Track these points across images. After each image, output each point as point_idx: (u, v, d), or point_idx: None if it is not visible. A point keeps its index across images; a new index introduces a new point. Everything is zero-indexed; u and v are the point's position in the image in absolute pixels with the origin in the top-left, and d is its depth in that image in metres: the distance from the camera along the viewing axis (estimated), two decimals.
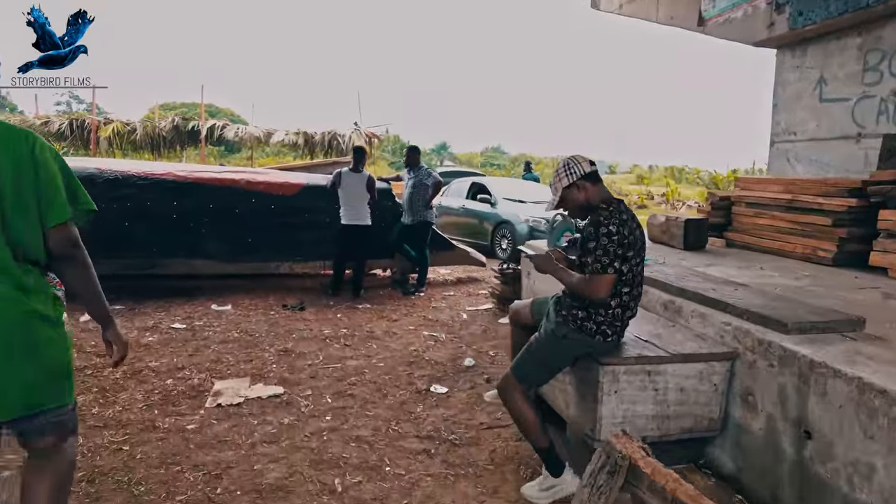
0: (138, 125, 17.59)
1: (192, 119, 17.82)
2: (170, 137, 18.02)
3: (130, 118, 18.61)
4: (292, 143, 17.29)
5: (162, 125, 17.67)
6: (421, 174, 5.81)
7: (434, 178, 5.81)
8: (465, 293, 5.92)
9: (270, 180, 5.93)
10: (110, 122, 17.65)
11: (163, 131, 17.72)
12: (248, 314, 4.82)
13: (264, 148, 26.06)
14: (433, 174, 5.85)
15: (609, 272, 1.96)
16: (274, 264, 5.85)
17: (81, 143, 17.74)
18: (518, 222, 8.03)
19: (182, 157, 24.70)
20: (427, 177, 5.80)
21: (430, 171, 5.89)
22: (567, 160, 2.14)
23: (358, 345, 4.04)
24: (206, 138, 17.53)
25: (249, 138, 17.36)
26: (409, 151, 6.08)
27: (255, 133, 17.28)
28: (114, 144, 17.84)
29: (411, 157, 6.00)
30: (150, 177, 5.59)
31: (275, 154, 27.25)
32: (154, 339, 4.04)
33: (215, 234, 5.64)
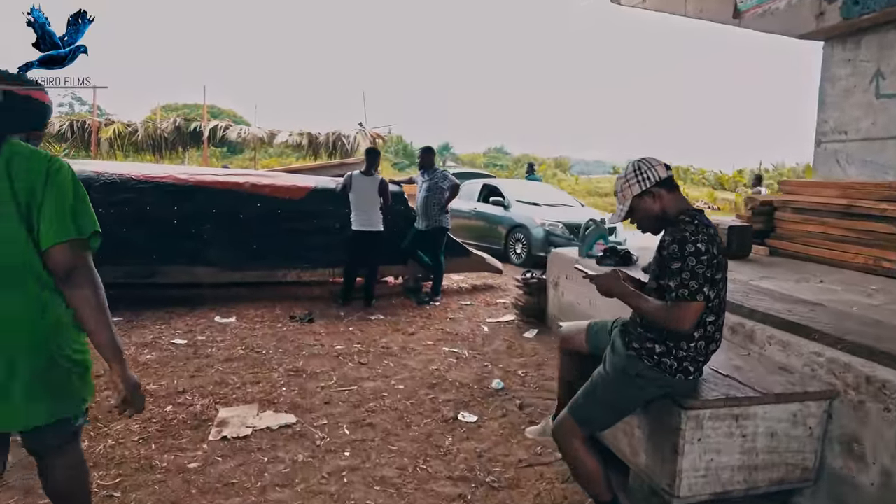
0: (140, 126, 17.31)
1: (194, 120, 17.52)
2: (171, 139, 17.74)
3: (132, 119, 18.31)
4: (296, 144, 16.99)
5: (163, 126, 17.38)
6: (436, 176, 5.49)
7: (451, 180, 5.49)
8: (483, 302, 5.58)
9: (276, 183, 5.61)
10: (111, 123, 17.37)
11: (164, 132, 17.43)
12: (253, 327, 4.50)
13: (267, 149, 25.85)
14: (449, 176, 5.53)
15: (698, 299, 1.62)
16: (280, 272, 5.53)
17: (82, 144, 17.47)
18: (533, 226, 7.70)
19: (184, 159, 24.49)
20: (443, 179, 5.47)
21: (445, 174, 5.56)
22: (638, 163, 1.81)
23: (374, 363, 3.71)
24: (208, 139, 17.23)
25: (252, 139, 17.07)
26: (423, 153, 5.75)
27: (259, 134, 16.98)
28: (115, 146, 17.58)
29: (426, 158, 5.67)
30: (150, 180, 5.28)
31: (278, 155, 26.99)
32: (153, 356, 3.72)
33: (218, 240, 5.32)
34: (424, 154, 5.71)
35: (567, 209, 8.42)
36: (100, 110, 20.73)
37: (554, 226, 7.60)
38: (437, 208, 5.44)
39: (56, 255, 1.33)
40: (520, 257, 7.86)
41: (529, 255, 7.69)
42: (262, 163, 24.57)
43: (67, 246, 1.33)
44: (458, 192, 5.54)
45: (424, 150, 5.76)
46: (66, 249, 1.33)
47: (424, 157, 5.67)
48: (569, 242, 7.41)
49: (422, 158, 5.69)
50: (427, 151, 5.73)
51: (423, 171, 5.62)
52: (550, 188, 9.46)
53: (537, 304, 4.46)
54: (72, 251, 1.34)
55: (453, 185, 5.47)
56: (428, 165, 5.60)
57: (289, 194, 5.55)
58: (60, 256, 1.33)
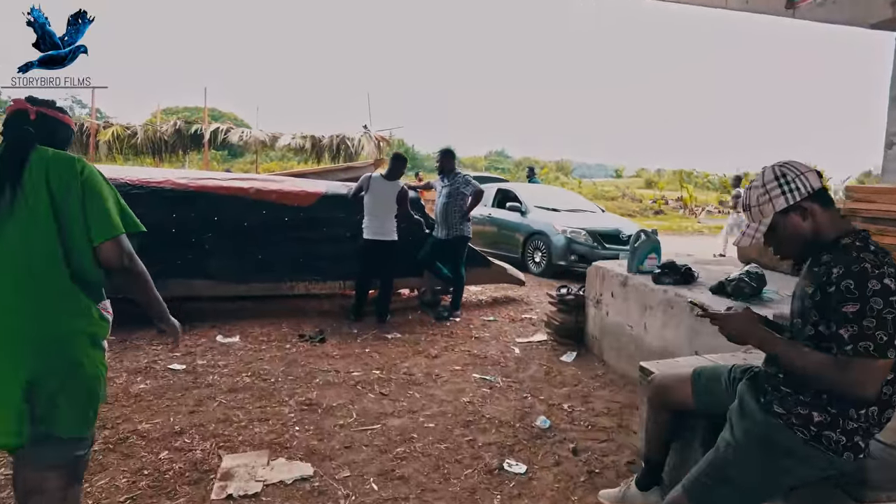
0: (139, 129, 16.93)
1: (194, 123, 17.13)
2: (172, 142, 17.35)
3: (132, 122, 17.96)
4: (299, 148, 16.59)
5: (164, 129, 16.99)
6: (457, 181, 5.06)
7: (473, 186, 5.06)
8: (508, 318, 5.15)
9: (283, 189, 5.19)
10: (110, 125, 16.98)
11: (164, 135, 17.04)
12: (259, 348, 4.07)
13: (269, 153, 25.50)
14: (472, 182, 5.09)
15: (889, 356, 1.19)
16: (288, 284, 5.10)
17: (81, 147, 17.06)
18: (554, 233, 7.27)
19: (185, 163, 24.10)
20: (465, 185, 5.04)
21: (468, 179, 5.13)
22: (781, 168, 1.38)
23: (396, 393, 3.28)
24: (209, 142, 16.84)
25: (254, 142, 16.67)
26: (442, 156, 5.29)
27: (261, 137, 16.58)
28: (114, 149, 17.19)
29: (445, 161, 5.23)
30: (146, 185, 4.86)
31: (279, 159, 26.61)
32: (146, 385, 3.29)
33: (220, 250, 4.91)
34: (444, 157, 5.27)
35: (588, 215, 8.00)
36: (99, 113, 20.37)
37: (576, 233, 7.17)
38: (458, 216, 5.01)
39: (107, 250, 1.42)
40: (539, 266, 7.43)
41: (549, 264, 7.26)
42: (264, 166, 24.19)
43: (118, 240, 1.43)
44: (481, 198, 5.11)
45: (444, 153, 5.30)
46: (117, 244, 1.42)
47: (444, 161, 5.24)
48: (592, 251, 6.99)
49: (441, 162, 5.25)
50: (446, 155, 5.28)
51: (442, 175, 5.19)
52: (568, 193, 9.04)
53: (574, 324, 4.02)
54: (122, 245, 1.44)
55: (476, 192, 5.04)
56: (448, 170, 5.17)
57: (297, 201, 5.13)
58: (112, 251, 1.42)
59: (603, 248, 7.11)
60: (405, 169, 4.96)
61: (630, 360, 3.33)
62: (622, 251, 7.12)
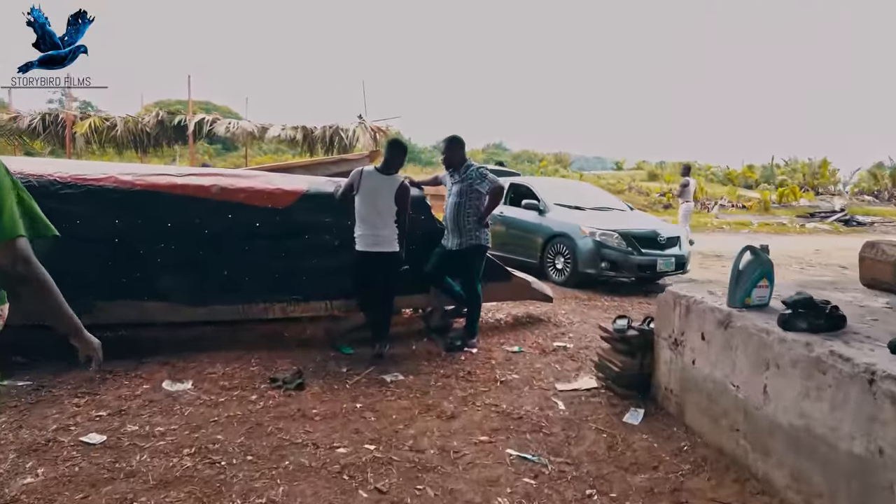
0: (118, 121, 15.79)
1: (178, 113, 16.00)
2: (154, 133, 16.23)
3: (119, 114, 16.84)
4: (290, 139, 15.49)
5: (145, 120, 15.87)
6: (470, 176, 4.02)
7: (490, 181, 4.01)
8: (536, 347, 4.13)
9: (255, 187, 4.14)
10: (87, 116, 15.85)
11: (146, 127, 15.92)
12: (216, 400, 3.05)
13: (261, 145, 24.33)
14: (489, 176, 4.04)
15: None
16: (260, 306, 4.08)
17: (56, 140, 15.96)
18: (579, 236, 6.24)
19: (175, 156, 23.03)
20: (480, 180, 4.00)
21: (483, 172, 4.07)
22: None
23: (400, 489, 2.25)
24: (193, 134, 15.72)
25: (242, 134, 15.56)
26: (448, 145, 4.15)
27: (248, 128, 15.47)
28: (92, 142, 16.08)
29: (453, 151, 4.14)
30: (81, 183, 3.82)
31: (273, 152, 25.45)
32: (39, 477, 2.26)
33: (175, 264, 3.90)
34: (450, 146, 4.13)
35: (617, 214, 6.97)
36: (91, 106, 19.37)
37: (607, 236, 6.14)
38: (474, 220, 3.98)
39: None
40: (561, 274, 6.40)
41: (574, 273, 6.24)
42: (256, 160, 22.98)
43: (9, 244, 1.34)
44: (502, 196, 4.07)
45: (450, 141, 4.16)
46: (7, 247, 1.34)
47: (451, 151, 4.12)
48: (626, 257, 5.97)
49: (447, 152, 4.15)
50: (453, 143, 4.14)
51: (451, 169, 4.15)
52: (591, 187, 8.00)
53: (639, 369, 3.00)
54: (14, 249, 1.34)
55: (495, 189, 3.99)
56: (457, 162, 4.12)
57: (271, 201, 4.09)
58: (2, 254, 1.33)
59: (638, 254, 6.10)
60: (404, 159, 3.90)
61: (735, 434, 2.32)
62: (661, 257, 6.10)
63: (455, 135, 4.16)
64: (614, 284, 6.36)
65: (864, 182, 30.03)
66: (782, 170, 33.60)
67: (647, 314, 3.27)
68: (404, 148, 3.93)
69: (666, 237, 6.35)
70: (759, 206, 20.58)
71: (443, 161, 4.16)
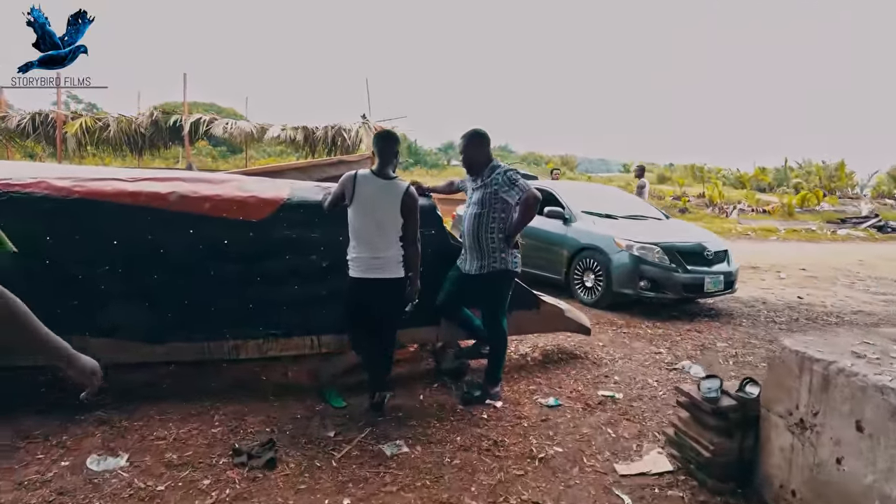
0: (111, 121, 15.08)
1: (173, 113, 15.27)
2: (149, 134, 15.51)
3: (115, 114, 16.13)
4: (290, 140, 14.72)
5: (139, 120, 15.14)
6: (495, 182, 3.15)
7: (522, 189, 3.10)
8: (576, 398, 3.26)
9: (224, 194, 3.31)
10: (79, 116, 15.15)
11: (140, 127, 15.20)
12: (153, 488, 2.23)
13: (265, 148, 23.59)
14: (519, 182, 3.12)
15: None
16: (229, 344, 3.25)
17: (47, 140, 15.27)
18: (614, 250, 5.38)
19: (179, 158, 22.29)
20: (507, 187, 3.10)
21: (512, 177, 3.13)
22: None
23: None
24: (190, 135, 14.98)
25: (240, 134, 14.80)
26: (468, 141, 3.23)
27: (246, 128, 14.70)
28: (84, 143, 15.38)
29: (474, 149, 3.22)
30: (2, 189, 3.03)
31: (278, 155, 24.67)
32: None
33: (124, 291, 3.12)
34: (471, 143, 3.22)
35: (654, 224, 6.09)
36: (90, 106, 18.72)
37: (647, 250, 5.27)
38: (499, 238, 3.12)
39: None
40: (592, 294, 5.54)
41: (608, 292, 5.37)
42: (259, 162, 22.25)
43: None
44: (536, 208, 3.18)
45: (471, 136, 3.24)
46: None
47: (472, 149, 3.22)
48: (669, 275, 5.10)
49: (467, 150, 3.23)
50: (474, 140, 3.23)
51: (472, 173, 3.29)
52: (621, 193, 7.12)
53: (737, 454, 2.14)
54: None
55: (528, 199, 3.08)
56: (480, 163, 3.24)
57: (243, 213, 3.26)
58: None
59: (683, 271, 5.22)
60: (397, 150, 2.99)
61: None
62: (709, 275, 5.23)
63: (477, 129, 3.28)
64: (653, 306, 5.49)
65: (884, 185, 29.03)
66: (796, 172, 32.59)
67: (743, 376, 2.39)
68: (395, 138, 3.08)
69: (713, 251, 5.48)
70: (782, 211, 19.59)
71: (462, 162, 3.29)
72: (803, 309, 5.97)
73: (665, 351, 4.23)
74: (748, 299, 6.32)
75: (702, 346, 4.39)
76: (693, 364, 3.87)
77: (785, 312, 5.75)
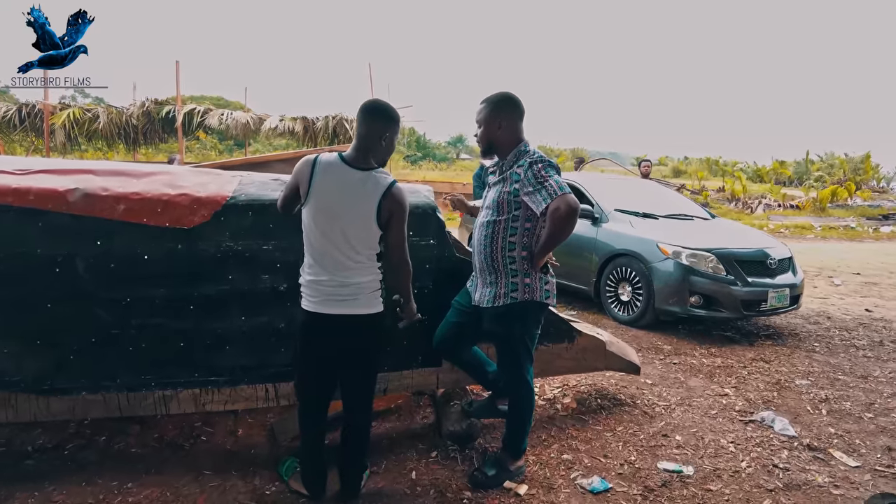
0: (101, 112, 14.31)
1: (166, 104, 14.46)
2: (141, 125, 14.73)
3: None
4: (290, 131, 13.87)
5: (130, 111, 14.37)
6: (516, 175, 2.20)
7: (550, 192, 2.06)
8: (630, 475, 2.34)
9: (146, 193, 2.41)
10: (67, 107, 14.39)
11: (132, 118, 14.42)
12: None
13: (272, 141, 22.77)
14: (549, 182, 2.08)
15: None
16: (155, 395, 2.40)
17: (35, 132, 14.55)
18: (657, 257, 4.43)
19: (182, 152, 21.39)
20: (533, 186, 2.10)
21: (541, 173, 2.10)
22: None
23: None
24: (183, 127, 14.18)
25: (236, 126, 13.98)
26: (491, 110, 2.22)
27: (243, 120, 13.87)
28: (76, 136, 14.63)
29: (496, 122, 2.21)
30: None
31: (284, 147, 23.83)
32: None
33: (3, 326, 2.26)
34: (494, 113, 2.22)
35: (702, 225, 5.12)
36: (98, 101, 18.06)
37: (699, 258, 4.31)
38: (521, 257, 2.19)
39: None
40: (629, 311, 4.60)
41: (649, 309, 4.43)
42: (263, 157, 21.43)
43: None
44: (570, 224, 2.15)
45: (494, 104, 2.23)
46: None
47: (493, 121, 2.20)
48: (727, 290, 4.15)
49: (486, 124, 2.22)
50: (499, 108, 2.22)
51: (497, 162, 2.35)
52: (660, 187, 6.14)
53: None
54: None
55: (559, 211, 2.03)
56: (504, 145, 2.23)
57: (170, 217, 2.37)
58: None
59: (744, 285, 4.26)
60: (390, 130, 2.03)
61: None
62: (773, 288, 4.27)
63: (506, 92, 2.28)
64: (702, 324, 4.55)
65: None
66: (817, 165, 31.26)
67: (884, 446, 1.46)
68: (386, 113, 2.04)
69: (777, 259, 4.51)
70: (813, 206, 18.39)
71: (478, 139, 2.31)
72: (880, 327, 4.98)
73: (732, 392, 3.29)
74: (808, 313, 5.35)
75: (777, 383, 3.44)
76: (775, 415, 2.93)
77: (860, 332, 4.77)
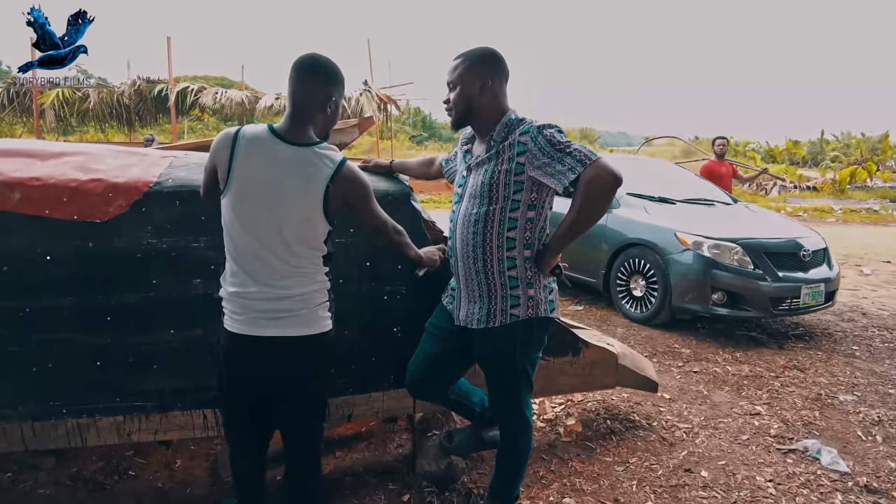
0: (91, 92, 13.83)
1: (158, 83, 13.94)
2: (133, 105, 14.25)
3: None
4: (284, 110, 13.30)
5: (121, 90, 13.88)
6: (519, 146, 1.65)
7: (579, 158, 1.58)
8: None
9: (50, 179, 1.94)
10: (55, 86, 13.90)
11: (123, 97, 13.93)
12: None
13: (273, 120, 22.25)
14: (572, 149, 1.59)
15: None
16: (68, 424, 1.97)
17: (21, 112, 14.11)
18: (674, 247, 3.93)
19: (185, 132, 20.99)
20: (550, 156, 1.60)
21: (556, 139, 1.62)
22: None
23: None
24: (176, 105, 13.68)
25: (230, 105, 13.47)
26: (467, 66, 1.69)
27: (237, 98, 13.35)
28: (66, 115, 14.19)
29: (471, 82, 1.69)
30: None
31: None
32: None
33: None
34: (469, 71, 1.70)
35: (725, 211, 4.60)
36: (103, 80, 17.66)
37: (723, 249, 3.81)
38: (524, 258, 1.71)
39: None
40: (643, 308, 4.12)
41: (664, 306, 3.94)
42: None
43: None
44: (610, 198, 1.65)
45: (471, 59, 1.71)
46: None
47: (468, 81, 1.69)
48: (754, 285, 3.66)
49: (461, 83, 1.70)
50: (477, 63, 1.70)
51: (468, 132, 1.87)
52: (676, 168, 5.59)
53: None
54: None
55: (598, 178, 1.56)
56: (485, 115, 1.73)
57: (78, 208, 1.91)
58: None
59: (774, 280, 3.76)
60: (332, 89, 1.55)
61: None
62: (806, 283, 3.77)
63: (487, 47, 1.77)
64: (722, 321, 4.07)
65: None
66: (832, 145, 30.30)
67: None
68: (326, 69, 1.54)
69: (811, 250, 4.00)
70: (832, 188, 17.68)
71: (449, 109, 1.78)
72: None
73: (764, 410, 2.82)
74: (840, 308, 4.84)
75: (817, 399, 2.97)
76: (821, 445, 2.46)
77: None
